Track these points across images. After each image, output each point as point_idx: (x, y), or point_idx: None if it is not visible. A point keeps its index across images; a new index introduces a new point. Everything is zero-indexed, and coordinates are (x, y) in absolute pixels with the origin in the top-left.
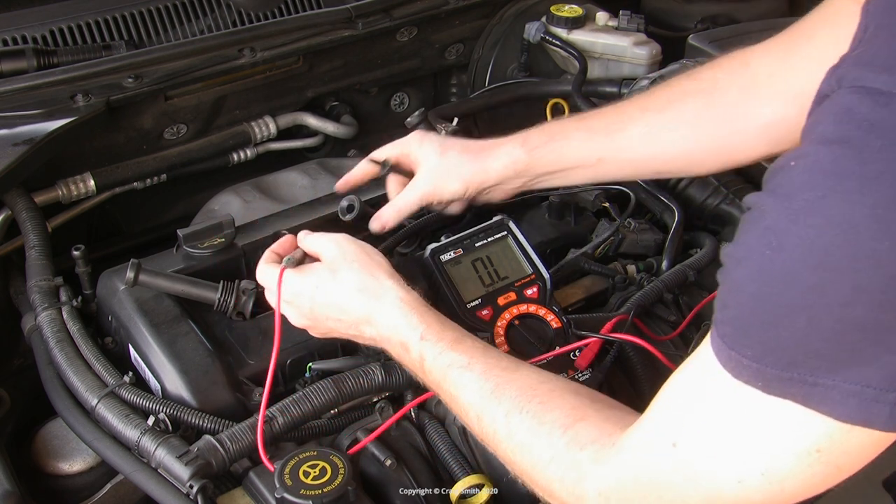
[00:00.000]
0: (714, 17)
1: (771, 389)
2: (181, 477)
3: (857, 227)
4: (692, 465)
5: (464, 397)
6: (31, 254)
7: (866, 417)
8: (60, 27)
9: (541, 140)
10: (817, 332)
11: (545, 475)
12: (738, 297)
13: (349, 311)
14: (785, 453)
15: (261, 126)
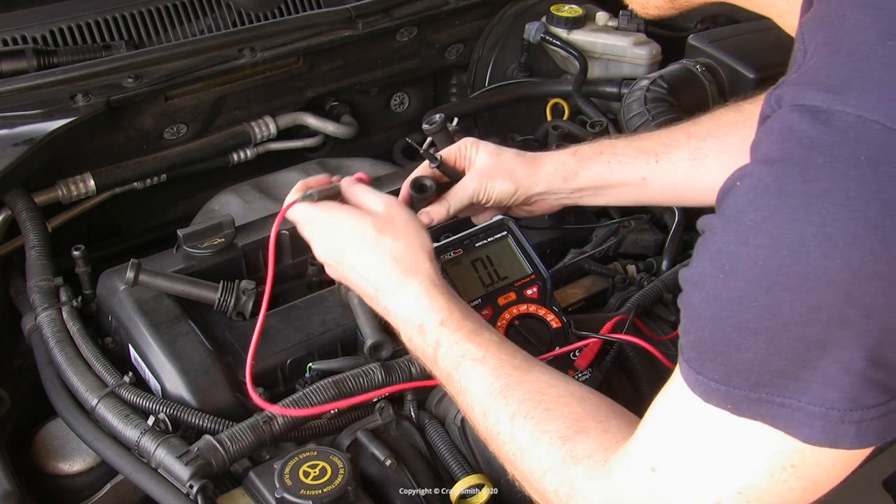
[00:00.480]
0: (714, 17)
1: (740, 411)
2: (181, 477)
3: (807, 246)
4: (670, 490)
5: (472, 391)
6: (31, 254)
7: (833, 439)
8: (60, 27)
9: (591, 153)
10: (778, 353)
11: (542, 484)
12: (697, 322)
13: (378, 274)
14: (759, 471)
15: (261, 126)
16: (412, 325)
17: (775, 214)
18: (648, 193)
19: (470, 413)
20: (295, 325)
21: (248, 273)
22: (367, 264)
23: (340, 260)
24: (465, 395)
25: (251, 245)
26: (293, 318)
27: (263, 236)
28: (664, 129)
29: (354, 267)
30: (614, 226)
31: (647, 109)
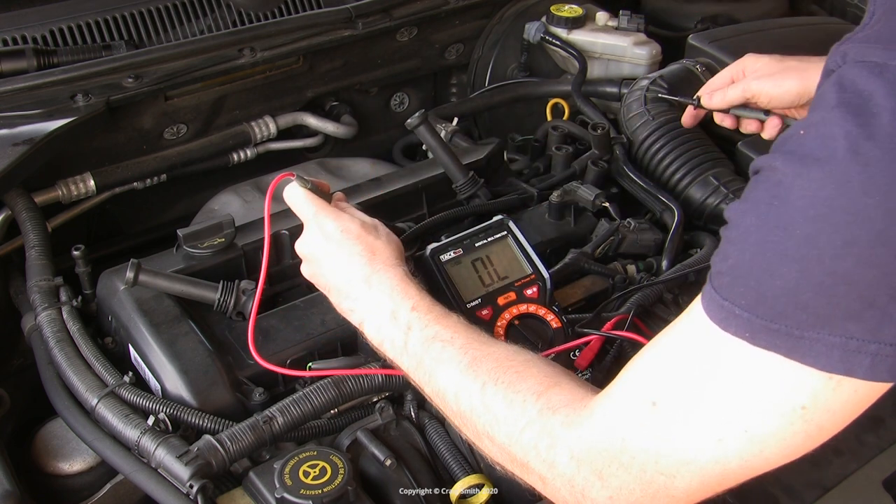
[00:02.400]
0: (714, 17)
1: (758, 341)
2: (181, 477)
3: (851, 182)
4: (671, 425)
5: (442, 373)
6: (31, 254)
7: (848, 367)
8: (60, 27)
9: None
10: (807, 284)
11: (521, 445)
12: (741, 245)
13: (356, 266)
14: (770, 410)
15: (261, 126)
16: (384, 312)
17: (831, 155)
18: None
19: (441, 400)
20: (295, 325)
21: (248, 273)
22: (348, 256)
23: (319, 254)
24: (436, 380)
25: (251, 245)
26: (293, 318)
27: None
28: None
29: (332, 260)
30: (615, 226)
31: (647, 109)
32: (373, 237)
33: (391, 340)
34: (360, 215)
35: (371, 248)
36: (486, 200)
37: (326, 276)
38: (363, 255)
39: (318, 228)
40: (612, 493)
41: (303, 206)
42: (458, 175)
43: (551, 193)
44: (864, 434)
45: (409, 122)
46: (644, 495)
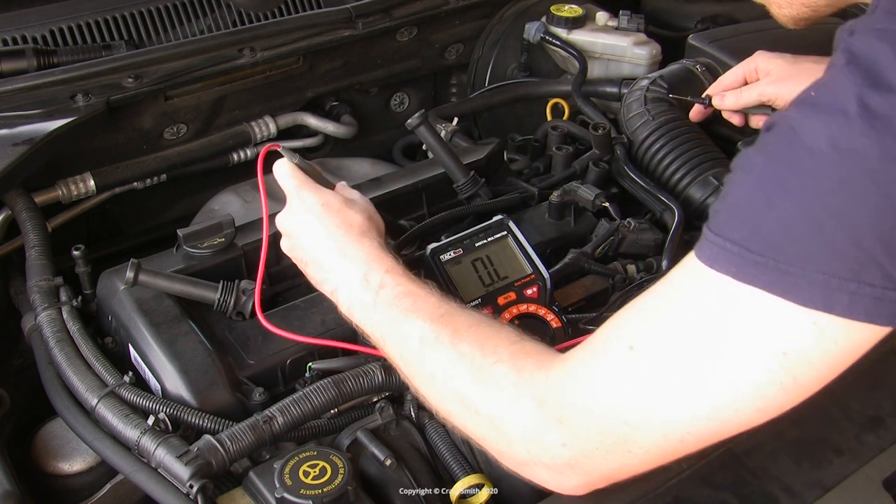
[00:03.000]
0: (714, 17)
1: (743, 276)
2: (181, 477)
3: (852, 122)
4: (647, 368)
5: (411, 322)
6: (31, 254)
7: (827, 303)
8: (60, 27)
9: None
10: (801, 217)
11: (481, 382)
12: (743, 182)
13: (334, 237)
14: (750, 354)
15: (261, 126)
16: (356, 276)
17: (841, 105)
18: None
19: (402, 346)
20: (295, 325)
21: (248, 273)
22: (326, 228)
23: (298, 227)
24: (400, 327)
25: (251, 245)
26: (293, 318)
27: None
28: None
29: (310, 232)
30: (615, 226)
31: (647, 109)
32: (353, 212)
33: (360, 301)
34: (348, 192)
35: (349, 221)
36: (486, 200)
37: (304, 249)
38: (340, 227)
39: (300, 202)
40: (568, 440)
41: (286, 180)
42: (459, 175)
43: (551, 193)
44: (864, 434)
45: (410, 122)
46: (600, 447)
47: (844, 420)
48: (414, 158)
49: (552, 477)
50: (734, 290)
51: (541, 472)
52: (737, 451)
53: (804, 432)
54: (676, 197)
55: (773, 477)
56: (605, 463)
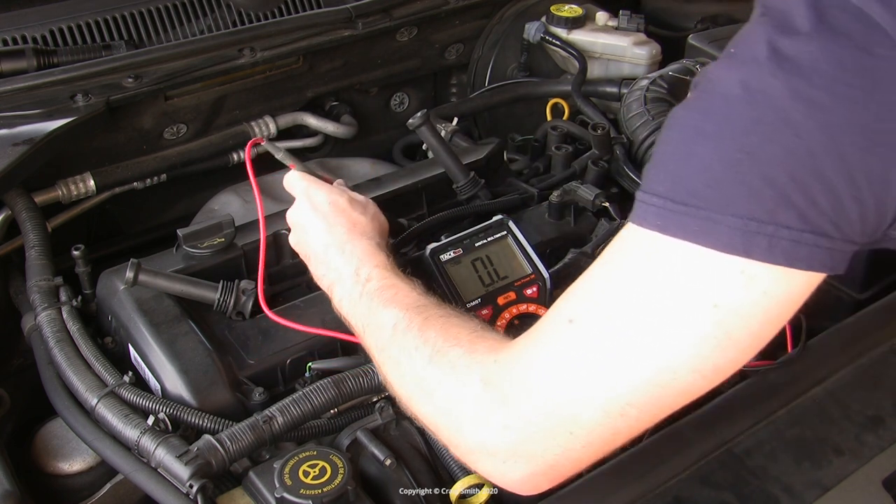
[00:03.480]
0: (714, 17)
1: (668, 227)
2: (181, 477)
3: (762, 65)
4: (585, 341)
5: (389, 311)
6: (31, 254)
7: (747, 248)
8: (60, 27)
9: None
10: (720, 160)
11: (439, 365)
12: (666, 137)
13: (335, 234)
14: (682, 307)
15: (261, 126)
16: (349, 271)
17: (753, 54)
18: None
19: (378, 334)
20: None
21: (247, 273)
22: (330, 226)
23: (305, 222)
24: (379, 316)
25: (251, 245)
26: (293, 318)
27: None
28: None
29: (316, 228)
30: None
31: (647, 109)
32: (358, 213)
33: (349, 294)
34: (353, 194)
35: (353, 221)
36: (485, 201)
37: (309, 244)
38: (344, 225)
39: (308, 200)
40: (510, 421)
41: (297, 181)
42: (459, 175)
43: (551, 193)
44: (864, 434)
45: (411, 123)
46: (541, 430)
47: (844, 420)
48: (414, 158)
49: (496, 467)
50: (661, 244)
51: (486, 462)
52: (737, 451)
53: (804, 432)
54: None
55: (773, 477)
56: (548, 448)
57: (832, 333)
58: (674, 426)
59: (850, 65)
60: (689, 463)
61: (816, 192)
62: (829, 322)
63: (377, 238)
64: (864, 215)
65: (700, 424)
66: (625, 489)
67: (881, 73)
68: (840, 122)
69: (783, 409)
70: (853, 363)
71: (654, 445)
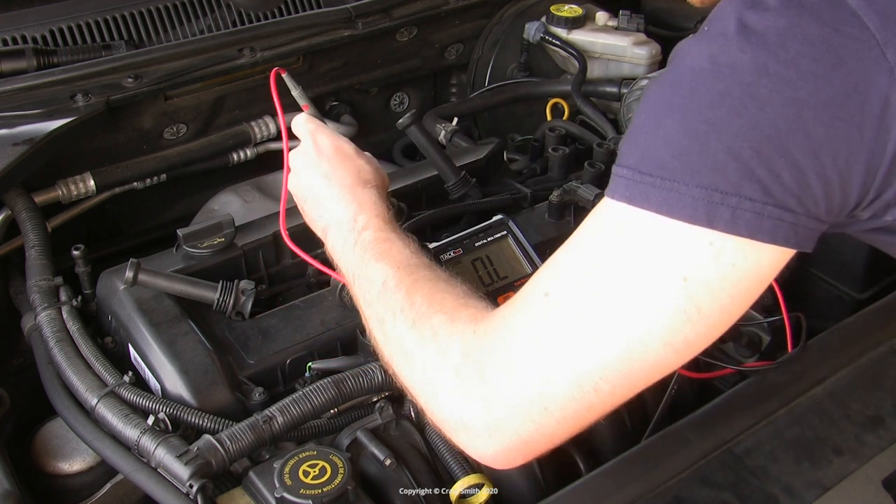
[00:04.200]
0: None
1: (636, 199)
2: (181, 476)
3: (730, 40)
4: (559, 315)
5: (380, 266)
6: (31, 254)
7: (710, 220)
8: (60, 27)
9: None
10: (685, 131)
11: (420, 330)
12: (640, 110)
13: (339, 179)
14: (652, 280)
15: (261, 126)
16: (346, 216)
17: (722, 28)
18: None
19: (368, 288)
20: (295, 325)
21: (247, 273)
22: (333, 170)
23: (308, 164)
24: (371, 270)
25: (251, 245)
26: (293, 318)
27: (264, 236)
28: None
29: (318, 171)
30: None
31: None
32: (363, 161)
33: (343, 240)
34: (356, 147)
35: (357, 167)
36: (476, 200)
37: (309, 186)
38: (348, 169)
39: (314, 142)
40: (487, 395)
41: (304, 124)
42: (450, 174)
43: (550, 193)
44: (864, 434)
45: (401, 122)
46: (516, 405)
47: (844, 420)
48: (414, 158)
49: (473, 440)
50: (630, 215)
51: (462, 434)
52: (737, 451)
53: (804, 432)
54: None
55: (773, 477)
56: (523, 423)
57: (832, 333)
58: (674, 426)
59: (816, 41)
60: (689, 463)
61: (780, 166)
62: (829, 322)
63: (379, 189)
64: (828, 193)
65: (700, 424)
66: (625, 489)
67: (847, 51)
68: (805, 97)
69: (783, 409)
70: (853, 363)
71: (654, 445)
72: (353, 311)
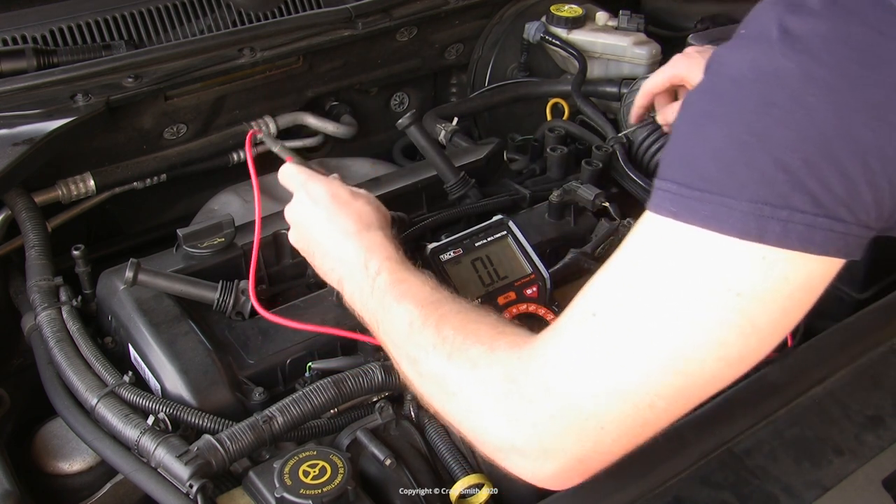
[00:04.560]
0: (714, 16)
1: (683, 214)
2: (181, 476)
3: (773, 47)
4: (607, 333)
5: (402, 307)
6: (31, 254)
7: (761, 234)
8: (60, 27)
9: None
10: (731, 142)
11: (459, 366)
12: (679, 122)
13: (340, 226)
14: (705, 296)
15: (261, 126)
16: (358, 263)
17: (763, 33)
18: None
19: (393, 330)
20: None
21: (247, 273)
22: (335, 218)
23: (306, 218)
24: (393, 313)
25: (251, 245)
26: (293, 318)
27: (263, 236)
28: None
29: (319, 223)
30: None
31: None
32: (361, 203)
33: (360, 289)
34: (352, 187)
35: (357, 212)
36: (475, 201)
37: (312, 239)
38: (349, 217)
39: (307, 194)
40: (538, 419)
41: (294, 176)
42: (449, 175)
43: (550, 194)
44: (864, 434)
45: (400, 123)
46: (571, 426)
47: (844, 420)
48: (414, 158)
49: (527, 464)
50: (677, 231)
51: (516, 460)
52: (737, 450)
53: (804, 432)
54: None
55: (773, 477)
56: (578, 443)
57: (832, 333)
58: (674, 426)
59: (861, 44)
60: (689, 463)
61: (830, 175)
62: (829, 322)
63: (383, 228)
64: (878, 199)
65: (700, 424)
66: (625, 489)
67: (892, 54)
68: (852, 103)
69: (783, 409)
70: (853, 363)
71: (654, 445)
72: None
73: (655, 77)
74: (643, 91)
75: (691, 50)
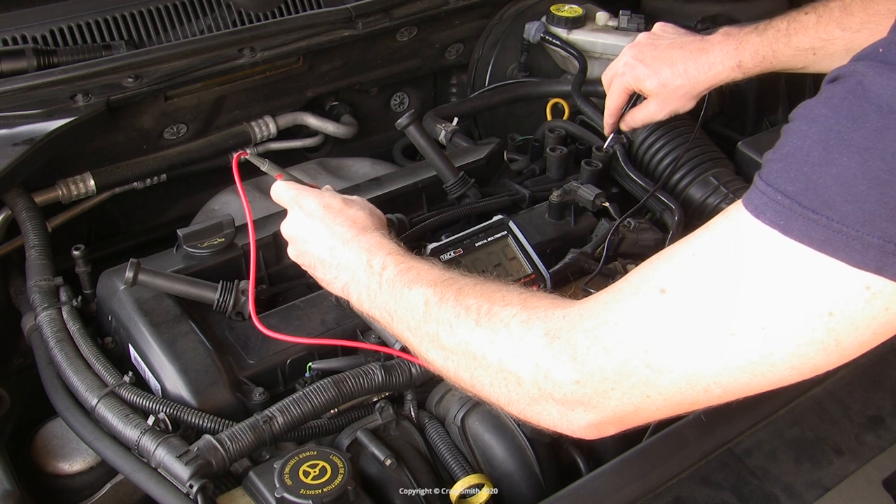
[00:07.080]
0: (714, 17)
1: (791, 231)
2: (181, 476)
3: None
4: (679, 312)
5: (415, 291)
6: (31, 254)
7: (880, 266)
8: (60, 27)
9: (753, 61)
10: (864, 175)
11: (488, 326)
12: (803, 133)
13: (338, 233)
14: (795, 310)
15: (261, 126)
16: (361, 265)
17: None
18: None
19: (409, 316)
20: (295, 325)
21: (247, 273)
22: (330, 227)
23: (303, 232)
24: (406, 297)
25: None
26: (293, 318)
27: (264, 236)
28: (819, 20)
29: (315, 234)
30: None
31: None
32: (354, 209)
33: (367, 289)
34: (343, 195)
35: (352, 218)
36: (475, 200)
37: (312, 251)
38: (345, 224)
39: (300, 208)
40: (581, 377)
41: (284, 192)
42: (448, 175)
43: (547, 193)
44: (864, 434)
45: (400, 123)
46: (616, 388)
47: (844, 420)
48: (414, 158)
49: (562, 414)
50: (780, 243)
51: (551, 409)
52: (737, 451)
53: (804, 432)
54: (676, 197)
55: (773, 477)
56: (620, 404)
57: None
58: (674, 426)
59: None
60: (689, 463)
61: None
62: None
63: (381, 230)
64: None
65: (700, 424)
66: (625, 489)
67: None
68: None
69: (783, 409)
70: (853, 363)
71: (654, 445)
72: (352, 312)
73: (613, 97)
74: (610, 112)
75: (643, 37)
